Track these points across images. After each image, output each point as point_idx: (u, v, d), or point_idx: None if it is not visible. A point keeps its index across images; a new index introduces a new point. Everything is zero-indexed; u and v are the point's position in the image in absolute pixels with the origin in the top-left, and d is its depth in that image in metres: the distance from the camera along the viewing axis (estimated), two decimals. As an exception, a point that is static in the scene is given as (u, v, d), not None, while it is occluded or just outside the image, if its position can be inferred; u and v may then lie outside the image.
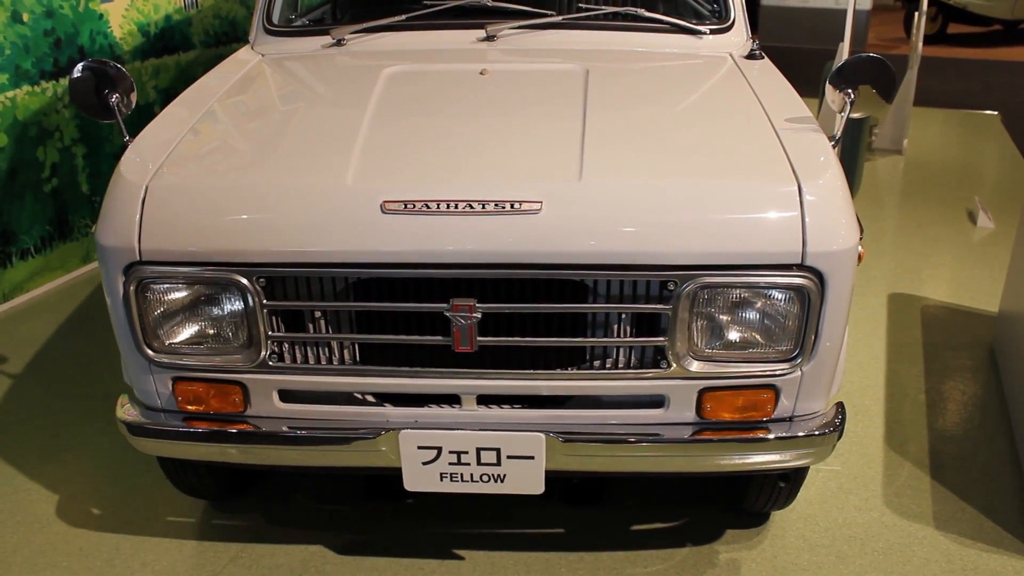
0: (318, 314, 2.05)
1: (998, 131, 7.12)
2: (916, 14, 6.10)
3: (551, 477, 2.10)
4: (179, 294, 2.04)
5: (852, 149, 5.02)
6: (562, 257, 1.93)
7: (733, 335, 2.03)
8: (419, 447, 2.06)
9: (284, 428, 2.12)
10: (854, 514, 2.67)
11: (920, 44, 6.17)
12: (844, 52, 4.57)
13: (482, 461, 2.07)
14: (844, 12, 4.75)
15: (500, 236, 1.92)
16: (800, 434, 2.08)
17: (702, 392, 2.07)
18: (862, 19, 9.76)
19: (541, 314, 2.02)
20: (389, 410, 2.13)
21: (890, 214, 5.24)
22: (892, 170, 6.05)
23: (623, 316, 2.02)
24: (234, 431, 2.13)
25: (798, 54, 7.16)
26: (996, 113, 7.63)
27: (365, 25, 2.91)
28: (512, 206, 1.93)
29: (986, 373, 3.47)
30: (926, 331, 3.78)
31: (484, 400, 2.12)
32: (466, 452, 2.06)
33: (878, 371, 3.45)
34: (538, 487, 2.11)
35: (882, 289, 4.16)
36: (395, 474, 2.12)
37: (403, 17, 2.89)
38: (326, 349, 2.09)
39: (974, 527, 2.62)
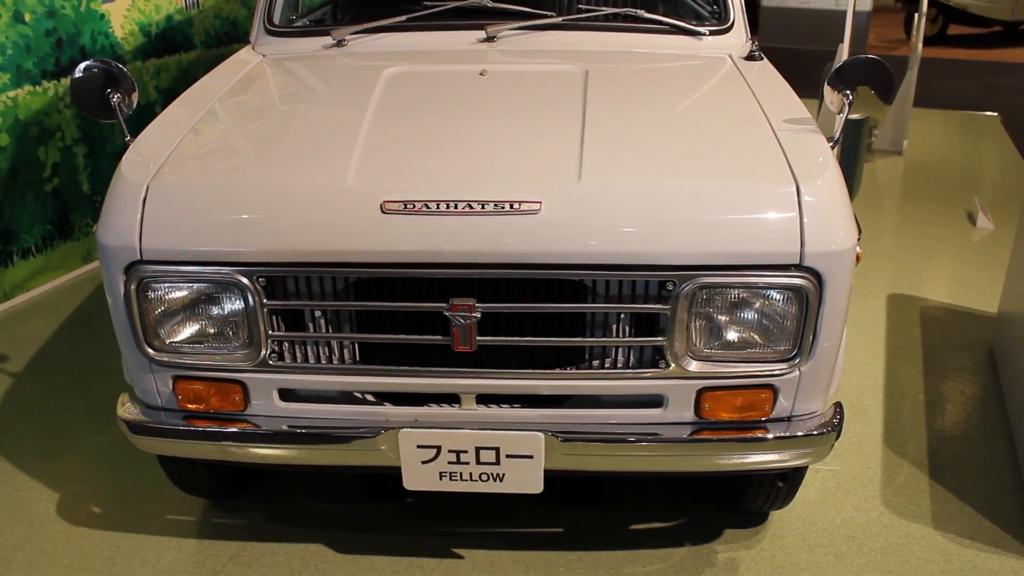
0: (318, 313, 2.06)
1: (998, 132, 7.12)
2: (916, 15, 6.10)
3: (550, 476, 2.10)
4: (180, 293, 2.05)
5: (851, 150, 5.02)
6: (561, 257, 1.93)
7: (731, 335, 2.03)
8: (418, 446, 2.07)
9: (284, 427, 2.13)
10: (852, 514, 2.67)
11: (920, 45, 6.18)
12: (844, 53, 4.57)
13: (481, 460, 2.08)
14: (844, 13, 4.76)
15: (499, 236, 1.93)
16: (798, 434, 2.09)
17: (700, 392, 2.07)
18: (862, 20, 9.78)
19: (540, 314, 2.02)
20: (389, 409, 2.14)
21: (889, 215, 5.25)
22: (892, 171, 6.05)
23: (622, 316, 2.02)
24: (234, 430, 2.13)
25: (798, 55, 7.18)
26: (996, 114, 7.64)
27: (366, 26, 2.91)
28: (511, 206, 1.93)
29: (985, 374, 3.47)
30: (925, 332, 3.78)
31: (483, 399, 2.13)
32: (465, 451, 2.07)
33: (877, 371, 3.45)
34: (537, 486, 2.11)
35: (881, 290, 4.17)
36: (394, 473, 2.13)
37: (403, 18, 2.90)
38: (326, 348, 2.09)
39: (972, 527, 2.62)
